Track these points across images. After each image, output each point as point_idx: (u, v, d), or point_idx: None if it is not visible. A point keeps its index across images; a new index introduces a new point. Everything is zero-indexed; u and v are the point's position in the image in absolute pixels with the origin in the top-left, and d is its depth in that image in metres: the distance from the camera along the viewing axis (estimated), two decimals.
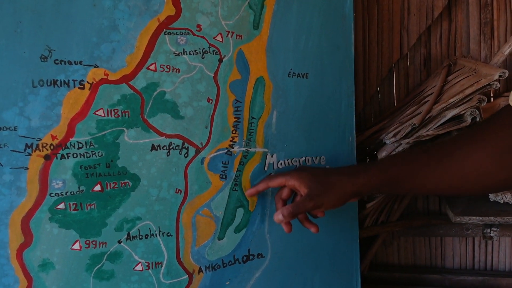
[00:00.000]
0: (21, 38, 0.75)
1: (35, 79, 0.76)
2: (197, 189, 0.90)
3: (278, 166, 0.97)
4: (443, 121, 1.00)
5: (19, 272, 0.79)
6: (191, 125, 0.88)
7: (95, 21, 0.79)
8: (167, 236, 0.89)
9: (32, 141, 0.77)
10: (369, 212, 1.17)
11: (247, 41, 0.92)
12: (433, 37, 1.31)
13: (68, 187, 0.80)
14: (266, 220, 0.98)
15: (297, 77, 0.97)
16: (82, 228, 0.82)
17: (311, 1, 0.97)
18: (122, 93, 0.82)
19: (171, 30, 0.85)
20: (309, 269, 1.04)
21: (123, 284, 0.86)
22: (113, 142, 0.82)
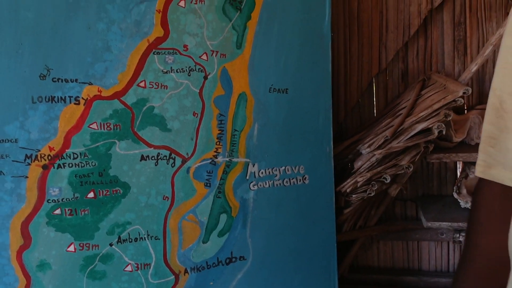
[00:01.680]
0: (22, 58, 0.82)
1: (34, 95, 0.83)
2: (183, 196, 0.97)
3: (259, 175, 1.04)
4: (412, 134, 1.08)
5: (18, 272, 0.85)
6: (177, 137, 0.95)
7: (90, 43, 0.86)
8: (155, 239, 0.96)
9: (31, 152, 0.84)
10: (346, 217, 1.24)
11: (230, 59, 0.99)
12: (410, 53, 1.39)
13: (64, 194, 0.87)
14: (247, 225, 1.04)
15: (277, 92, 1.04)
16: (76, 232, 0.89)
17: (291, 22, 1.04)
18: (114, 108, 0.89)
19: (159, 50, 0.92)
20: (289, 271, 1.10)
21: (114, 283, 0.93)
22: (105, 153, 0.89)
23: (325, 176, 1.12)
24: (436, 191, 1.43)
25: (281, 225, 1.08)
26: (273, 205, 1.06)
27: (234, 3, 0.97)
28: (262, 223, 1.05)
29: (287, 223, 1.08)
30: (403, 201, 1.44)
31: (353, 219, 1.28)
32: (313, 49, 1.08)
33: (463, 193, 1.22)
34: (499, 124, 0.62)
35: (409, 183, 1.43)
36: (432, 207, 1.30)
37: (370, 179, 1.12)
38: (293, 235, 1.09)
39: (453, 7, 1.33)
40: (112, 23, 0.87)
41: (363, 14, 1.35)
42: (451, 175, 1.41)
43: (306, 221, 1.11)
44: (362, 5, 1.35)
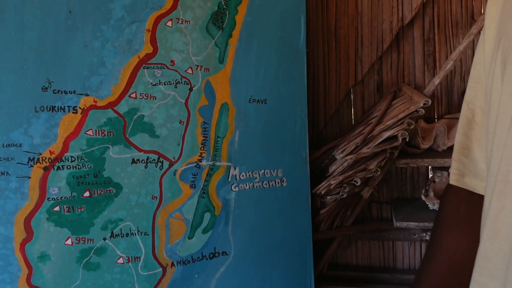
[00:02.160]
0: (26, 73, 0.92)
1: (37, 105, 0.93)
2: (170, 196, 1.07)
3: (240, 178, 1.14)
4: (380, 141, 1.18)
5: (21, 262, 0.94)
6: (165, 143, 1.05)
7: (87, 59, 0.96)
8: (144, 235, 1.05)
9: (34, 156, 0.93)
10: (323, 218, 1.33)
11: (213, 73, 1.09)
12: (384, 66, 1.49)
13: (62, 193, 0.96)
14: (229, 223, 1.14)
15: (257, 102, 1.14)
16: (73, 227, 0.98)
17: (269, 38, 1.14)
18: (108, 116, 0.99)
19: (149, 65, 1.02)
20: (268, 266, 1.20)
21: (107, 274, 1.02)
22: (100, 157, 0.99)
23: (301, 179, 1.22)
24: (410, 194, 1.53)
25: (261, 224, 1.17)
26: (253, 205, 1.16)
27: (216, 23, 1.08)
28: (243, 221, 1.15)
29: (266, 222, 1.18)
30: (379, 204, 1.54)
31: (330, 219, 1.38)
32: (290, 63, 1.18)
33: (430, 195, 1.32)
34: (471, 135, 0.65)
35: (385, 187, 1.54)
36: (404, 209, 1.40)
37: (342, 182, 1.22)
38: (272, 233, 1.19)
39: (422, 24, 1.44)
40: (106, 41, 0.97)
41: (340, 31, 1.46)
42: (423, 179, 1.51)
43: (284, 220, 1.21)
44: (339, 22, 1.46)
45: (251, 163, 1.15)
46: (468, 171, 0.67)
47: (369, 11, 1.44)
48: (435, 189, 1.35)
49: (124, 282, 1.03)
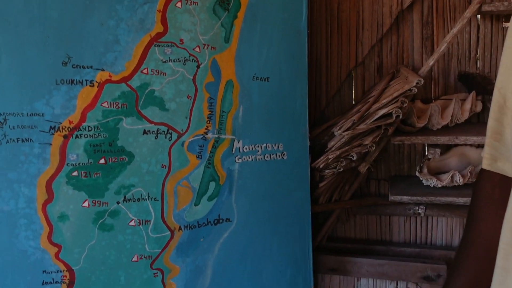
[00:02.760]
0: (48, 49, 1.00)
1: (58, 79, 1.01)
2: (178, 165, 1.15)
3: (243, 150, 1.22)
4: (375, 118, 1.25)
5: (43, 221, 1.03)
6: (174, 116, 1.13)
7: (102, 36, 1.04)
8: (154, 200, 1.14)
9: (55, 124, 1.02)
10: (322, 191, 1.41)
11: (219, 51, 1.16)
12: (384, 48, 1.55)
13: (80, 160, 1.05)
14: (233, 192, 1.22)
15: (259, 80, 1.21)
16: (90, 191, 1.07)
17: (272, 20, 1.21)
18: (121, 90, 1.07)
19: (160, 43, 1.09)
20: (268, 233, 1.27)
21: (120, 235, 1.11)
22: (114, 127, 1.07)
23: (301, 153, 1.30)
24: (407, 172, 1.60)
25: (262, 193, 1.25)
26: (255, 176, 1.24)
27: (222, 4, 1.15)
28: (245, 191, 1.23)
29: (267, 192, 1.26)
30: (378, 180, 1.62)
31: (329, 193, 1.45)
32: (292, 44, 1.25)
33: (424, 172, 1.39)
34: (503, 120, 0.65)
35: (383, 165, 1.61)
36: (400, 185, 1.47)
37: (339, 156, 1.30)
38: (272, 203, 1.27)
39: (421, 8, 1.50)
40: (120, 21, 1.05)
41: (342, 14, 1.52)
42: (420, 158, 1.58)
43: (284, 191, 1.29)
44: (341, 6, 1.52)
45: (253, 137, 1.22)
46: (500, 155, 0.67)
47: None
48: (429, 166, 1.42)
49: (135, 243, 1.12)
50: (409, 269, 1.47)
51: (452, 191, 1.36)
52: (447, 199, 1.32)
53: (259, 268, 1.27)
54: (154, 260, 1.15)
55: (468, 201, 1.25)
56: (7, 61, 0.97)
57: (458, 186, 1.37)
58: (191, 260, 1.19)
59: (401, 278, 1.49)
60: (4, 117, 0.99)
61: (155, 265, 1.15)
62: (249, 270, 1.26)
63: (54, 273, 1.06)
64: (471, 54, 1.48)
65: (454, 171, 1.35)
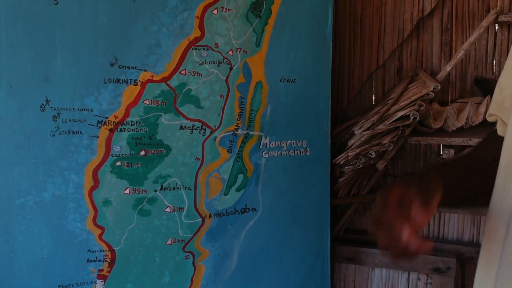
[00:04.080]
0: (98, 51, 1.08)
1: (105, 78, 1.09)
2: (210, 158, 1.23)
3: (270, 146, 1.29)
4: (394, 119, 1.31)
5: (89, 205, 1.12)
6: (208, 113, 1.21)
7: (146, 40, 1.12)
8: (188, 189, 1.22)
9: (102, 119, 1.11)
10: (341, 185, 1.48)
11: (250, 55, 1.23)
12: (404, 52, 1.60)
13: (123, 151, 1.14)
14: (259, 184, 1.29)
15: (287, 82, 1.28)
16: (131, 179, 1.15)
17: (299, 26, 1.28)
18: (162, 89, 1.15)
19: (197, 47, 1.17)
20: (290, 223, 1.35)
21: (156, 220, 1.20)
22: (154, 122, 1.16)
23: (323, 149, 1.37)
24: None
25: (286, 186, 1.32)
26: (280, 170, 1.31)
27: (255, 12, 1.22)
28: (270, 183, 1.30)
29: (290, 185, 1.33)
30: (394, 177, 1.68)
31: (347, 188, 1.52)
32: (317, 48, 1.31)
33: None
34: (501, 116, 0.68)
35: (400, 163, 1.66)
36: None
37: (359, 154, 1.36)
38: (295, 195, 1.34)
39: (441, 15, 1.54)
40: (162, 26, 1.13)
41: (365, 19, 1.58)
42: (435, 157, 1.63)
43: (306, 184, 1.36)
44: (364, 12, 1.57)
45: (279, 134, 1.30)
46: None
47: (392, 1, 1.54)
48: None
49: (170, 228, 1.21)
50: (421, 261, 1.53)
51: None
52: None
53: (280, 254, 1.35)
54: (186, 244, 1.23)
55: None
56: (62, 62, 1.06)
57: None
58: (219, 245, 1.27)
59: (413, 269, 1.56)
60: (58, 111, 1.08)
61: (187, 248, 1.24)
62: (271, 256, 1.34)
63: (98, 252, 1.16)
64: (487, 60, 1.53)
65: None
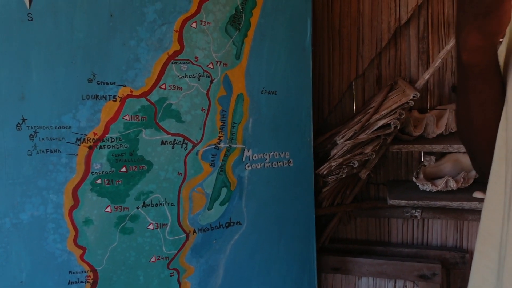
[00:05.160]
0: (75, 67, 1.05)
1: (83, 94, 1.06)
2: (193, 172, 1.20)
3: (253, 158, 1.27)
4: (375, 128, 1.30)
5: (69, 225, 1.08)
6: (189, 127, 1.18)
7: (124, 55, 1.09)
8: (171, 205, 1.18)
9: (80, 136, 1.07)
10: (325, 195, 1.46)
11: (231, 67, 1.21)
12: (383, 61, 1.60)
13: (103, 168, 1.10)
14: (243, 197, 1.26)
15: (268, 93, 1.26)
16: (112, 197, 1.12)
17: (279, 38, 1.26)
18: (141, 104, 1.12)
19: (176, 61, 1.14)
20: (275, 235, 1.32)
21: (139, 238, 1.16)
22: (134, 138, 1.12)
23: (306, 160, 1.35)
24: (404, 176, 1.65)
25: (270, 198, 1.30)
26: (263, 182, 1.29)
27: (234, 24, 1.20)
28: (255, 196, 1.27)
29: (275, 197, 1.30)
30: (377, 185, 1.67)
31: (331, 197, 1.50)
32: (297, 59, 1.30)
33: (420, 177, 1.44)
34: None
35: (382, 170, 1.66)
36: (397, 189, 1.52)
37: (342, 164, 1.35)
38: (279, 207, 1.31)
39: (417, 24, 1.55)
40: (141, 41, 1.10)
41: (343, 29, 1.57)
42: (416, 164, 1.63)
43: (290, 196, 1.34)
44: (342, 22, 1.57)
45: (262, 146, 1.27)
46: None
47: (369, 12, 1.54)
48: (425, 172, 1.46)
49: (153, 245, 1.17)
50: (407, 268, 1.52)
51: (446, 195, 1.41)
52: (441, 203, 1.37)
53: (267, 267, 1.32)
54: (170, 261, 1.20)
55: (461, 205, 1.30)
56: (38, 79, 1.02)
57: (452, 191, 1.41)
58: (205, 261, 1.24)
59: (399, 277, 1.54)
60: (35, 129, 1.04)
61: (172, 265, 1.20)
62: (258, 269, 1.31)
63: (79, 273, 1.11)
64: None
65: (448, 176, 1.39)
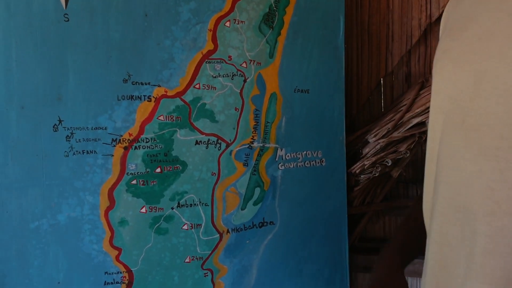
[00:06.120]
0: (111, 67, 1.04)
1: (119, 95, 1.05)
2: (227, 172, 1.18)
3: (286, 158, 1.25)
4: (409, 126, 1.27)
5: (105, 226, 1.07)
6: (223, 127, 1.16)
7: (159, 55, 1.08)
8: (205, 205, 1.17)
9: (116, 137, 1.06)
10: (356, 194, 1.43)
11: (264, 66, 1.19)
12: (413, 59, 1.57)
13: (139, 169, 1.09)
14: (276, 197, 1.24)
15: (301, 92, 1.24)
16: (147, 198, 1.11)
17: (312, 36, 1.24)
18: (176, 104, 1.11)
19: (210, 60, 1.12)
20: (308, 235, 1.30)
21: (174, 238, 1.15)
22: (169, 138, 1.11)
23: (338, 159, 1.32)
24: None
25: (303, 198, 1.28)
26: (296, 181, 1.26)
27: (267, 23, 1.17)
28: (287, 195, 1.25)
29: (307, 196, 1.28)
30: (406, 183, 1.63)
31: (362, 196, 1.47)
32: (330, 58, 1.27)
33: None
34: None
35: (412, 169, 1.62)
36: None
37: (375, 162, 1.32)
38: (312, 206, 1.29)
39: None
40: (175, 40, 1.09)
41: (372, 27, 1.54)
42: None
43: (322, 195, 1.31)
44: (371, 19, 1.53)
45: (295, 145, 1.25)
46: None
47: (399, 8, 1.51)
48: None
49: (188, 245, 1.16)
50: None
51: None
52: None
53: (299, 268, 1.30)
54: (204, 261, 1.18)
55: None
56: (74, 80, 1.01)
57: None
58: (238, 261, 1.22)
59: None
60: (71, 131, 1.02)
61: (206, 266, 1.18)
62: (290, 269, 1.29)
63: (115, 274, 1.10)
64: None
65: None
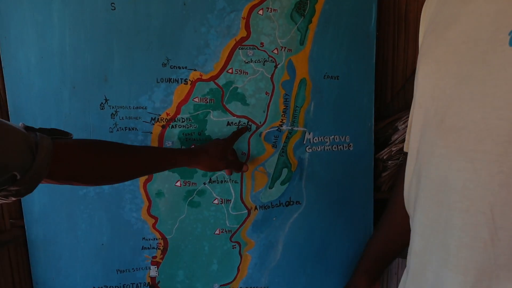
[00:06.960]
0: (150, 53, 1.13)
1: (158, 78, 1.14)
2: (256, 153, 1.25)
3: (313, 141, 1.29)
4: None
5: (144, 196, 1.18)
6: (254, 110, 1.23)
7: (195, 41, 1.15)
8: (234, 183, 1.25)
9: (155, 116, 1.16)
10: (384, 180, 1.46)
11: (295, 53, 1.24)
12: None
13: (175, 146, 1.18)
14: (303, 178, 1.30)
15: (330, 78, 1.28)
16: (182, 173, 1.20)
17: (343, 24, 1.26)
18: (210, 87, 1.18)
19: (243, 46, 1.19)
20: (333, 216, 1.35)
21: (205, 211, 1.24)
22: (203, 119, 1.19)
23: (366, 145, 1.35)
24: None
25: (329, 180, 1.32)
26: (323, 164, 1.31)
27: (299, 11, 1.22)
28: (314, 177, 1.31)
29: (334, 179, 1.32)
30: None
31: (390, 182, 1.50)
32: (361, 46, 1.29)
33: None
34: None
35: None
36: None
37: (402, 149, 1.34)
38: (338, 189, 1.33)
39: None
40: (211, 27, 1.16)
41: (409, 14, 1.53)
42: None
43: (349, 178, 1.35)
44: (409, 6, 1.53)
45: (323, 129, 1.29)
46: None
47: None
48: None
49: (218, 218, 1.25)
50: None
51: None
52: None
53: (324, 247, 1.35)
54: (233, 234, 1.26)
55: None
56: (119, 63, 1.11)
57: None
58: (265, 236, 1.29)
59: None
60: (116, 109, 1.13)
61: (234, 239, 1.27)
62: (315, 248, 1.34)
63: (152, 240, 1.21)
64: None
65: None
